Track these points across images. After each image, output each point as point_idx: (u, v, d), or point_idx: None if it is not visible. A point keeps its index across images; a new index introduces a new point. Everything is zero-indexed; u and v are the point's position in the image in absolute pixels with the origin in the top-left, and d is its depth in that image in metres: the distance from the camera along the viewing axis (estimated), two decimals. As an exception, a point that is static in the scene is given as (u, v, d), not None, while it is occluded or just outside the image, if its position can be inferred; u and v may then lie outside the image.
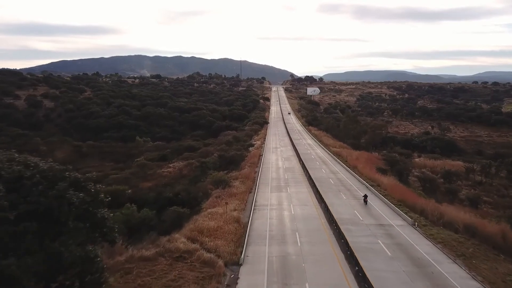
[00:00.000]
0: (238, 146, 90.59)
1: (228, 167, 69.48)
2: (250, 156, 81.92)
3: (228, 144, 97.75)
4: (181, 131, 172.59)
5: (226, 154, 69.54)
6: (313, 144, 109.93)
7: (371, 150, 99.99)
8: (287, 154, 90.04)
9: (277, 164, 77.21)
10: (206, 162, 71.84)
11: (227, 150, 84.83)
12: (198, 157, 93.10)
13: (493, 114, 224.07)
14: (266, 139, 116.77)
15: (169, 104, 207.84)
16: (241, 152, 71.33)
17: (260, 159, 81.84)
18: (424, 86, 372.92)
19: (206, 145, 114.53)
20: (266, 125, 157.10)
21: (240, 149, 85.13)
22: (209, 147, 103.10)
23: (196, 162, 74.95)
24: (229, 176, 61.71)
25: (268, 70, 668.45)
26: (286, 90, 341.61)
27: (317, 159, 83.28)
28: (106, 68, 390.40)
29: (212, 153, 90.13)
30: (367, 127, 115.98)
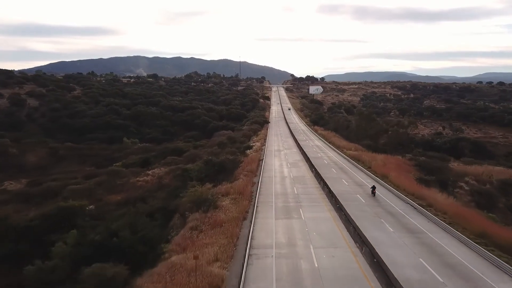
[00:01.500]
0: (233, 148, 72.14)
1: (217, 176, 51.08)
2: (248, 161, 63.46)
3: (221, 146, 79.30)
4: (173, 132, 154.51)
5: (214, 160, 50.96)
6: (322, 145, 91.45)
7: (394, 153, 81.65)
8: (293, 159, 71.56)
9: (281, 172, 58.67)
10: (189, 170, 53.42)
11: (218, 153, 66.50)
12: (184, 161, 75.12)
13: (506, 114, 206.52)
14: (267, 140, 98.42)
15: (162, 103, 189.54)
16: (234, 157, 52.54)
17: (259, 165, 63.44)
18: (428, 86, 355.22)
19: (196, 147, 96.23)
20: (267, 124, 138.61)
21: (234, 152, 66.64)
22: (199, 150, 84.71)
23: (178, 169, 56.57)
24: (216, 191, 43.24)
25: (268, 71, 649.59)
26: (286, 89, 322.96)
27: (331, 165, 64.69)
28: (105, 69, 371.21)
29: (201, 157, 72.02)
30: (387, 126, 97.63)
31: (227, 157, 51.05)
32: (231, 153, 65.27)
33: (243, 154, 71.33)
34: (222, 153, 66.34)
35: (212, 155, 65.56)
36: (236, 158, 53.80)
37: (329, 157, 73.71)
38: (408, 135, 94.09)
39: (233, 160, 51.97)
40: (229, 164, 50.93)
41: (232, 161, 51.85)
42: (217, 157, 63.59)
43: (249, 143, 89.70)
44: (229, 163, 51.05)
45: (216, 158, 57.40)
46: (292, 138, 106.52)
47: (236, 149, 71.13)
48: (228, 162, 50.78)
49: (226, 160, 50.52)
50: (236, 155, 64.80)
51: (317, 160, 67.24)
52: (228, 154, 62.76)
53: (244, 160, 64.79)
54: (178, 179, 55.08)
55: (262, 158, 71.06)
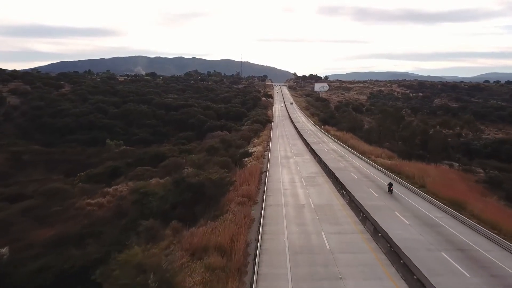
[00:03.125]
0: (225, 157, 51.39)
1: (193, 207, 30.36)
2: (245, 176, 42.75)
3: (211, 152, 58.53)
4: (164, 132, 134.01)
5: (190, 180, 30.11)
6: (341, 150, 70.61)
7: (433, 161, 61.09)
8: (308, 170, 50.73)
9: (295, 195, 37.81)
10: (149, 195, 32.88)
11: (204, 164, 45.69)
12: (161, 173, 54.85)
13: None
14: (270, 144, 77.78)
15: (155, 100, 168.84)
16: (222, 175, 31.57)
17: (261, 182, 42.91)
18: (436, 85, 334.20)
19: (182, 152, 75.63)
20: (270, 124, 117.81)
21: (227, 163, 45.78)
22: (184, 156, 64.03)
23: (137, 191, 35.83)
24: (181, 247, 22.59)
25: (270, 70, 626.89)
26: (289, 88, 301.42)
27: (366, 182, 43.84)
28: (106, 68, 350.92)
29: (183, 168, 51.51)
30: (427, 126, 76.86)
31: (207, 177, 30.18)
32: (222, 164, 44.73)
33: (240, 164, 50.63)
34: (209, 163, 45.72)
35: (195, 166, 44.88)
36: (226, 176, 32.82)
37: (356, 167, 52.84)
38: (459, 139, 73.16)
39: (220, 181, 31.15)
40: (213, 187, 30.26)
41: (219, 182, 31.05)
42: (201, 169, 42.98)
43: (248, 148, 69.05)
44: (214, 186, 30.40)
45: (198, 171, 36.58)
46: (301, 140, 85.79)
47: (229, 157, 50.51)
48: (212, 185, 30.12)
49: (207, 182, 29.82)
50: (228, 168, 44.05)
51: (342, 173, 46.47)
52: (216, 166, 42.23)
53: (239, 174, 44.07)
54: (135, 207, 34.54)
55: (266, 170, 50.42)
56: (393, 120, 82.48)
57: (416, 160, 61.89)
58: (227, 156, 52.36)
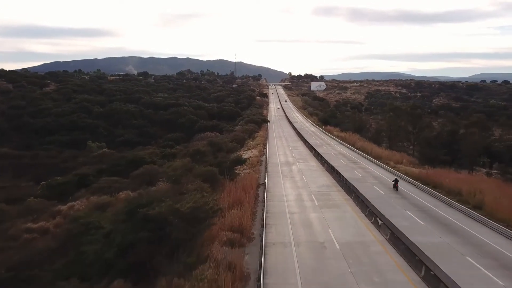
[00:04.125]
0: (212, 166, 39.82)
1: (151, 254, 18.80)
2: (236, 192, 31.23)
3: (197, 158, 46.84)
4: (152, 133, 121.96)
5: (145, 213, 18.49)
6: (351, 155, 59.05)
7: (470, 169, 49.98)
8: (317, 182, 39.14)
9: (307, 222, 25.96)
10: (92, 231, 21.28)
11: (181, 176, 33.91)
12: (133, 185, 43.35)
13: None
14: (267, 147, 66.25)
15: (143, 99, 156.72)
16: (195, 204, 20.20)
17: (258, 200, 31.50)
18: (434, 84, 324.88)
19: (165, 156, 63.89)
20: (266, 124, 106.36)
21: (212, 176, 33.91)
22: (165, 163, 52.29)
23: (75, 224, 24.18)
24: None
25: (264, 71, 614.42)
26: (285, 87, 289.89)
27: (396, 200, 32.44)
28: (99, 69, 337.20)
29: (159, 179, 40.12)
30: (456, 127, 65.54)
31: (178, 207, 18.51)
32: (207, 175, 33.24)
33: (230, 175, 38.97)
34: (189, 175, 34.16)
35: (170, 179, 33.35)
36: (206, 203, 20.92)
37: (378, 178, 41.27)
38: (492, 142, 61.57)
39: (194, 213, 19.31)
40: (183, 225, 18.52)
41: (194, 214, 19.24)
42: (177, 183, 31.52)
43: (242, 152, 57.53)
44: (185, 222, 18.69)
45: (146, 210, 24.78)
46: (302, 142, 74.36)
47: (217, 165, 38.94)
48: (182, 220, 18.41)
49: (174, 216, 18.12)
50: (214, 181, 32.51)
51: (362, 186, 35.08)
52: (198, 180, 30.70)
53: (229, 189, 32.52)
54: (72, 247, 22.88)
55: (264, 182, 38.87)
56: (409, 119, 71.47)
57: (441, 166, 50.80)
58: (214, 164, 40.66)
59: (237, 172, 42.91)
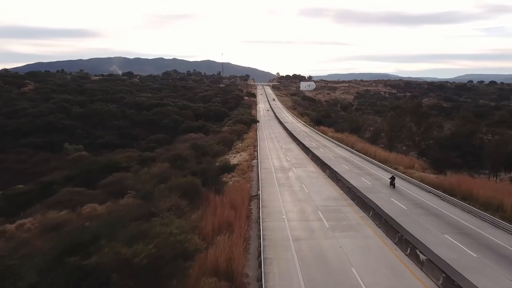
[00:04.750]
0: (200, 168, 32.86)
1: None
2: (223, 209, 24.30)
3: (177, 164, 39.70)
4: (134, 135, 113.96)
5: (79, 263, 11.73)
6: (352, 158, 52.32)
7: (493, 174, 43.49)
8: (322, 193, 32.12)
9: (319, 255, 18.89)
10: (10, 280, 14.09)
11: (153, 191, 26.76)
12: (99, 197, 35.89)
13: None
14: (258, 148, 59.22)
15: (126, 99, 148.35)
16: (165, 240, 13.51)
17: (251, 219, 24.53)
18: (423, 85, 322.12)
19: (143, 161, 56.47)
20: (255, 125, 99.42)
21: (192, 188, 26.88)
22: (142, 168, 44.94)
23: None
24: None
25: (252, 72, 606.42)
26: (273, 87, 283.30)
27: (428, 219, 25.65)
28: (84, 69, 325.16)
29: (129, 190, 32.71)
30: (475, 126, 58.81)
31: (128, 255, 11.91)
32: (186, 189, 26.23)
33: (216, 185, 31.91)
34: (164, 188, 27.06)
35: (140, 195, 26.25)
36: (179, 240, 14.14)
37: (401, 191, 34.71)
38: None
39: (159, 261, 12.43)
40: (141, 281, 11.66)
41: (157, 262, 12.34)
42: (147, 199, 24.51)
43: (230, 155, 50.51)
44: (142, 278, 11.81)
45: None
46: (295, 144, 67.52)
47: (201, 173, 31.95)
48: (135, 274, 11.60)
49: (123, 268, 11.35)
50: (195, 196, 25.52)
51: (377, 198, 28.44)
52: (174, 195, 23.71)
53: (214, 206, 25.50)
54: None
55: (257, 193, 31.93)
56: (413, 119, 65.18)
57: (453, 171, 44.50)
58: (197, 171, 33.56)
59: (225, 181, 35.90)
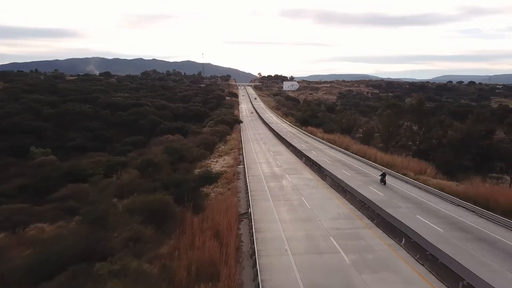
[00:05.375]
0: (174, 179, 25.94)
1: None
2: (203, 238, 17.47)
3: (148, 172, 32.65)
4: (108, 137, 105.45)
5: None
6: (351, 162, 45.88)
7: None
8: (329, 210, 25.42)
9: None
10: None
11: (107, 213, 19.70)
12: (50, 214, 28.52)
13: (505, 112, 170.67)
14: (244, 151, 52.33)
15: (101, 99, 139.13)
16: None
17: (241, 251, 17.62)
18: (404, 85, 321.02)
19: (112, 166, 48.95)
20: (238, 125, 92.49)
21: (160, 208, 20.19)
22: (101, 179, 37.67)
23: None
24: None
25: (233, 72, 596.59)
26: (255, 88, 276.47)
27: (496, 258, 19.40)
28: (61, 70, 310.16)
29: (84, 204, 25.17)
30: (492, 126, 53.15)
31: None
32: (153, 210, 19.39)
33: (195, 201, 24.94)
34: (118, 217, 20.04)
35: (87, 219, 19.26)
36: None
37: (412, 199, 28.33)
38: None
39: None
40: None
41: None
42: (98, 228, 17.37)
43: (212, 160, 43.43)
44: None
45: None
46: (284, 146, 60.80)
47: (174, 185, 24.93)
48: None
49: None
50: (165, 219, 18.64)
51: (400, 215, 22.00)
52: (136, 221, 16.90)
53: (191, 231, 18.64)
54: None
55: (247, 211, 25.03)
56: (413, 118, 59.41)
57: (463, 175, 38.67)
58: (171, 183, 26.48)
59: (206, 192, 28.90)
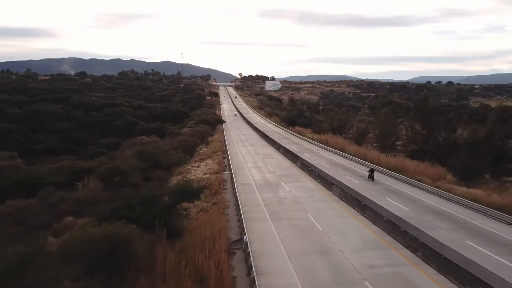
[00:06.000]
0: (142, 197, 19.47)
1: None
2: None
3: (113, 183, 25.88)
4: (81, 139, 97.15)
5: None
6: (352, 166, 39.88)
7: None
8: (347, 235, 19.27)
9: None
10: None
11: (33, 263, 13.18)
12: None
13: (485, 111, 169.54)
14: (229, 154, 45.77)
15: (73, 99, 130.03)
16: None
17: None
18: (385, 85, 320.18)
19: (76, 173, 41.64)
20: (221, 126, 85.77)
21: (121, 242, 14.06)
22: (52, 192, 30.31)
23: None
24: None
25: (213, 73, 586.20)
26: (236, 88, 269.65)
27: None
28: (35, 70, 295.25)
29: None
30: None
31: None
32: (110, 251, 13.19)
33: (172, 227, 18.47)
34: (46, 272, 13.79)
35: (5, 276, 12.82)
36: None
37: (446, 216, 22.39)
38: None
39: None
40: None
41: None
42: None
43: (192, 166, 36.71)
44: None
45: None
46: (273, 148, 54.45)
47: (141, 205, 18.65)
48: None
49: None
50: (123, 276, 12.51)
51: (441, 236, 16.02)
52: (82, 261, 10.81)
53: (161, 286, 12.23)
54: None
55: (241, 236, 18.53)
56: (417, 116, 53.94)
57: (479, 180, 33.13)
58: (135, 202, 19.79)
59: (186, 208, 22.28)
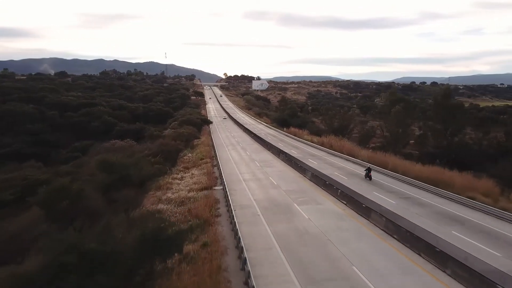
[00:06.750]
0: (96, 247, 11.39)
1: None
2: None
3: (64, 205, 17.42)
4: (53, 141, 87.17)
5: None
6: (383, 181, 32.13)
7: None
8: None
9: None
10: None
11: None
12: None
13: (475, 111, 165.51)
14: (220, 162, 37.39)
15: (48, 98, 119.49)
16: None
17: None
18: (371, 85, 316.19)
19: (30, 187, 32.61)
20: (208, 127, 77.16)
21: None
22: None
23: None
24: None
25: (197, 73, 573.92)
26: (222, 88, 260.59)
27: None
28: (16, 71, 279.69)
29: None
30: None
31: None
32: None
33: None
34: None
35: None
36: None
37: None
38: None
39: None
40: None
41: None
42: None
43: (174, 179, 28.34)
44: None
45: None
46: (270, 152, 46.18)
47: (101, 258, 10.74)
48: None
49: None
50: None
51: None
52: None
53: None
54: None
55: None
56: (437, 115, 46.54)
57: None
58: (90, 251, 11.58)
59: (159, 268, 13.90)
